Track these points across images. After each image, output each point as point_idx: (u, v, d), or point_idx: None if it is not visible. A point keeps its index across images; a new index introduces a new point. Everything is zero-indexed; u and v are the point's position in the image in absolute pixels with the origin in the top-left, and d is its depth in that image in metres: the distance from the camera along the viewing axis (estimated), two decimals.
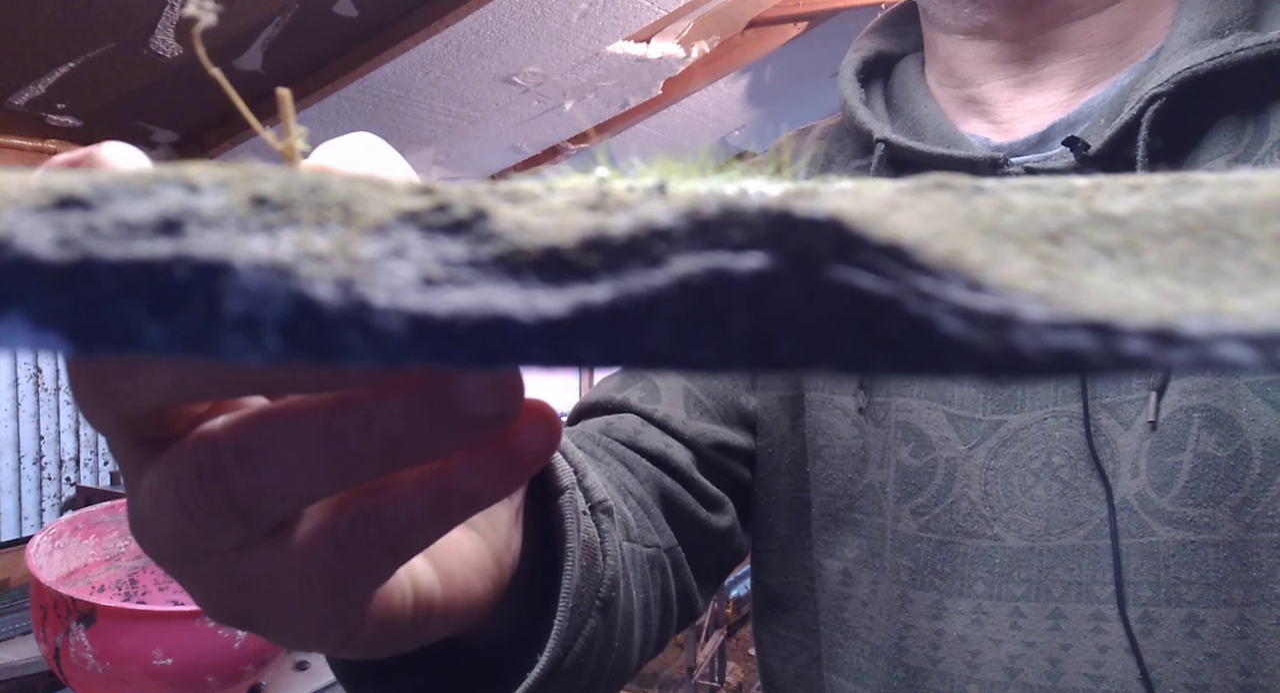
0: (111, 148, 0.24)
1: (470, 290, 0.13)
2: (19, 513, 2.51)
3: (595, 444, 0.63)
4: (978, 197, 0.18)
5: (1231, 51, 0.54)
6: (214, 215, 0.13)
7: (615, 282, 0.13)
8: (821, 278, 0.13)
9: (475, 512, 0.26)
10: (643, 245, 0.13)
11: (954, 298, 0.13)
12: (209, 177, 0.14)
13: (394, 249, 0.13)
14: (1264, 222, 0.18)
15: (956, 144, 0.64)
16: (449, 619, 0.32)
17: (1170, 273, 0.16)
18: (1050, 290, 0.14)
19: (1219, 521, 0.51)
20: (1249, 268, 0.16)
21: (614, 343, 0.13)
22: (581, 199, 0.16)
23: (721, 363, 0.13)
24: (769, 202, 0.14)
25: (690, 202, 0.14)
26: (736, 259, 0.13)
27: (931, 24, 0.70)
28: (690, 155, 0.22)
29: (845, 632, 0.66)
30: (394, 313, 0.12)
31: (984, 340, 0.12)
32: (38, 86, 1.93)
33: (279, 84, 0.99)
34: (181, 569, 0.26)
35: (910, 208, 0.16)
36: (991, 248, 0.15)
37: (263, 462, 0.22)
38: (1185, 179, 0.21)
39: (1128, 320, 0.13)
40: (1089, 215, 0.18)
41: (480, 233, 0.14)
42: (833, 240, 0.13)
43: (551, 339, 0.13)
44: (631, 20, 2.42)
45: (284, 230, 0.13)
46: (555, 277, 0.13)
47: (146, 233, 0.12)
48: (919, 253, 0.13)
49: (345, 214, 0.14)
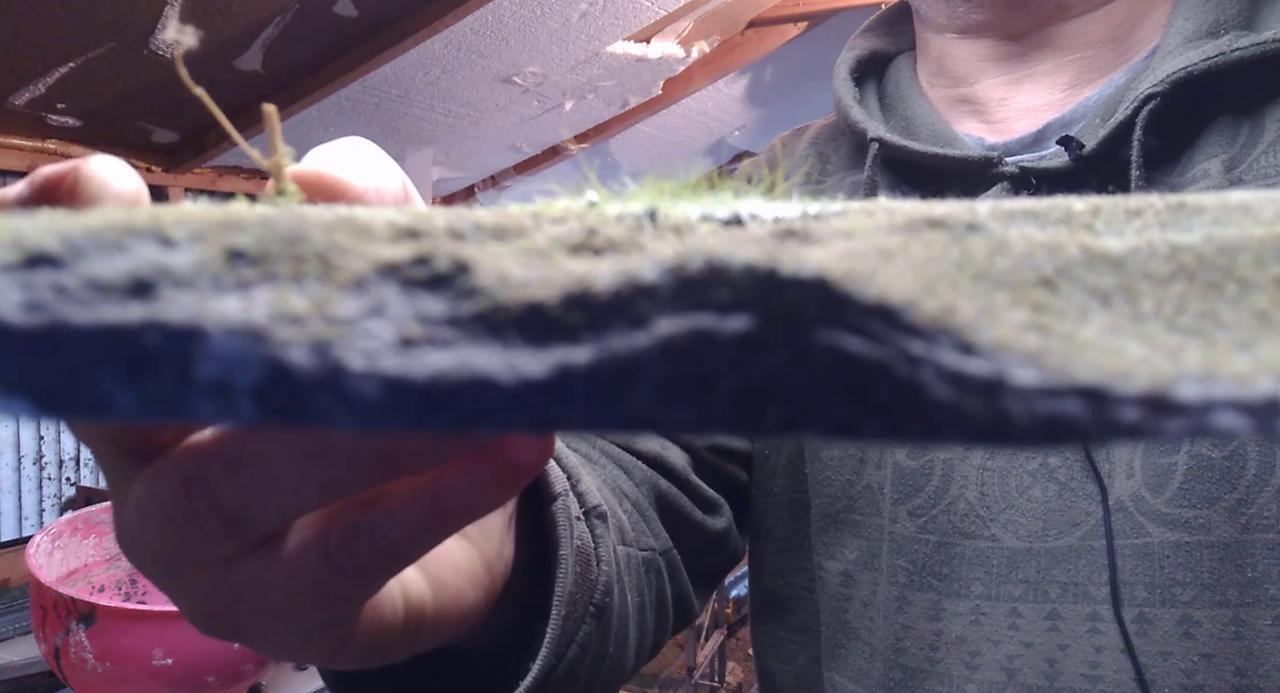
0: (99, 163, 0.23)
1: (449, 351, 0.12)
2: (19, 513, 2.51)
3: (590, 447, 0.63)
4: (971, 237, 0.18)
5: (1226, 51, 0.53)
6: (187, 273, 0.12)
7: (597, 342, 0.13)
8: (809, 341, 0.13)
9: (468, 523, 0.26)
10: (627, 303, 0.13)
11: (944, 361, 0.13)
12: (184, 228, 0.13)
13: (372, 307, 0.13)
14: (1263, 264, 0.18)
15: (950, 143, 0.64)
16: (440, 628, 0.32)
17: (1166, 322, 0.16)
18: (1042, 349, 0.13)
19: (1214, 522, 0.51)
20: (1247, 316, 0.16)
21: (596, 405, 0.12)
22: (569, 236, 0.16)
23: (707, 426, 0.13)
24: (754, 257, 0.13)
25: (677, 256, 0.14)
26: (722, 321, 0.13)
27: (924, 23, 0.69)
28: (684, 165, 0.22)
29: (847, 633, 0.66)
30: (370, 378, 0.12)
31: (974, 407, 0.12)
32: (38, 86, 1.92)
33: (279, 84, 1.00)
34: (169, 581, 0.26)
35: (901, 255, 0.16)
36: (984, 299, 0.15)
37: (251, 474, 0.22)
38: (1185, 204, 0.21)
39: (1121, 386, 0.12)
40: (1084, 255, 0.18)
41: (462, 288, 0.13)
42: (820, 301, 0.13)
43: (531, 402, 0.12)
44: (631, 20, 2.42)
45: (259, 288, 0.13)
46: (537, 336, 0.13)
47: (117, 295, 0.12)
48: (908, 313, 0.13)
49: (323, 268, 0.13)
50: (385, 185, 0.26)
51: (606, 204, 0.20)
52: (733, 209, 0.19)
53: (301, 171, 0.25)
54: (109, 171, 0.23)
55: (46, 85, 1.93)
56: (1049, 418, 0.12)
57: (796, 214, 0.20)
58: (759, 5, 2.73)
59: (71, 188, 0.22)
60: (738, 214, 0.19)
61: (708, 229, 0.18)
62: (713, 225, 0.18)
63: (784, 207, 0.20)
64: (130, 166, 0.24)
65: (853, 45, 0.75)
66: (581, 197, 0.21)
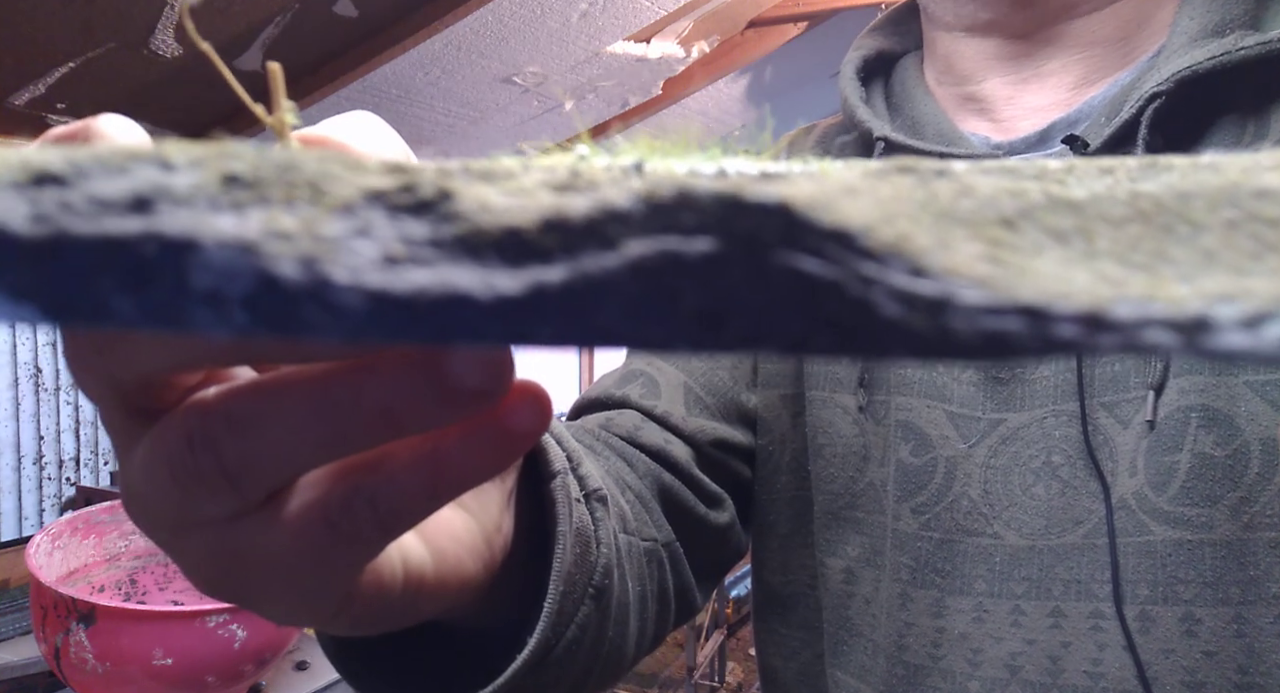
0: (108, 120, 0.24)
1: (430, 269, 0.13)
2: (19, 513, 2.52)
3: (594, 439, 0.63)
4: (938, 180, 0.19)
5: (1232, 51, 0.54)
6: (185, 193, 0.13)
7: (571, 263, 0.13)
8: (768, 262, 0.13)
9: (466, 489, 0.26)
10: (600, 228, 0.14)
11: (894, 282, 0.13)
12: (184, 155, 0.14)
13: (359, 228, 0.14)
14: (1216, 208, 0.18)
15: (955, 142, 0.64)
16: (439, 597, 0.32)
17: (1117, 258, 0.17)
18: (992, 275, 0.14)
19: (1216, 520, 0.51)
20: (1194, 254, 0.17)
21: (568, 321, 0.13)
22: (554, 178, 0.17)
23: (671, 342, 0.13)
24: (722, 187, 0.14)
25: (649, 185, 0.14)
26: (687, 242, 0.13)
27: (932, 22, 0.69)
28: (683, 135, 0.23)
29: (849, 630, 0.67)
30: (354, 290, 0.13)
31: (920, 323, 0.13)
32: (38, 86, 1.93)
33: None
34: (172, 541, 0.27)
35: (868, 192, 0.17)
36: (942, 232, 0.16)
37: (254, 431, 0.23)
38: (1157, 163, 0.22)
39: (1060, 305, 0.13)
40: (1047, 200, 0.19)
41: (444, 213, 0.14)
42: (780, 225, 0.14)
43: (507, 318, 0.13)
44: (631, 20, 2.43)
45: (253, 209, 0.13)
46: (514, 257, 0.14)
47: (118, 210, 0.13)
48: (864, 238, 0.14)
49: (314, 193, 0.14)
50: (388, 156, 0.27)
51: (596, 157, 0.21)
52: (719, 165, 0.20)
53: (306, 134, 0.25)
54: (119, 130, 0.24)
55: (46, 85, 1.94)
56: (990, 333, 0.13)
57: (782, 171, 0.20)
58: (759, 5, 2.74)
59: (82, 143, 0.23)
60: (724, 170, 0.20)
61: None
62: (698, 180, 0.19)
63: (771, 165, 0.21)
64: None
65: (859, 44, 0.76)
66: (572, 152, 0.22)
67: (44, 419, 2.58)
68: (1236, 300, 0.13)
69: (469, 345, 0.13)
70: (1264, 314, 0.13)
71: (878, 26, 0.78)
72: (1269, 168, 0.20)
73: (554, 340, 0.13)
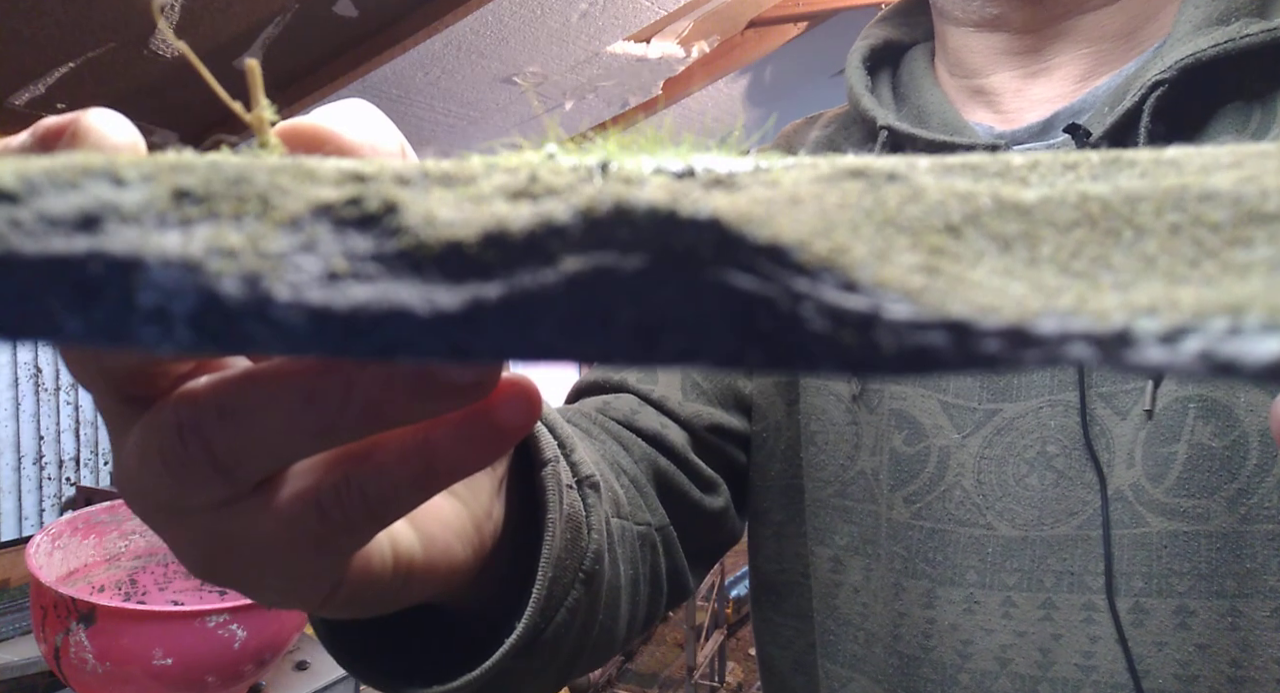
0: (96, 114, 0.24)
1: (372, 285, 0.14)
2: (19, 513, 2.52)
3: (591, 422, 0.63)
4: (888, 186, 0.19)
5: (1236, 38, 0.53)
6: (134, 210, 0.14)
7: (509, 278, 0.14)
8: (701, 278, 0.14)
9: (456, 480, 0.27)
10: (540, 243, 0.14)
11: (824, 297, 0.14)
12: (136, 169, 0.14)
13: (304, 243, 0.14)
14: (1162, 212, 0.18)
15: (960, 132, 0.64)
16: (429, 582, 0.33)
17: (1059, 265, 0.17)
18: (925, 288, 0.14)
19: (1212, 512, 0.51)
20: (1135, 260, 0.17)
21: (505, 337, 0.14)
22: (513, 183, 0.17)
23: (609, 357, 0.14)
24: (659, 200, 0.15)
25: (587, 201, 0.15)
26: (622, 259, 0.14)
27: (941, 16, 0.69)
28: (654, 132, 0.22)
29: (837, 619, 0.66)
30: (295, 307, 0.13)
31: (847, 338, 0.13)
32: (38, 86, 1.94)
33: (279, 84, 1.00)
34: (165, 526, 0.27)
35: (812, 201, 0.17)
36: (882, 242, 0.16)
37: (244, 422, 0.23)
38: (1120, 158, 0.22)
39: (986, 320, 0.13)
40: (995, 204, 0.19)
41: (388, 227, 0.14)
42: (713, 241, 0.14)
43: (446, 333, 0.13)
44: (631, 20, 2.43)
45: (200, 225, 0.14)
46: (454, 272, 0.14)
47: (66, 228, 0.13)
48: (797, 253, 0.14)
49: (263, 207, 0.14)
50: (381, 143, 0.26)
51: (564, 155, 0.21)
52: (687, 163, 0.20)
53: (292, 123, 0.25)
54: (106, 122, 0.24)
55: (46, 85, 1.94)
56: (915, 349, 0.13)
57: (750, 168, 0.20)
58: (759, 5, 2.74)
59: (71, 138, 0.23)
60: (691, 168, 0.19)
61: (659, 181, 0.18)
62: (665, 177, 0.18)
63: (739, 161, 0.20)
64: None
65: (867, 34, 0.75)
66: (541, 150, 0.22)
67: (44, 419, 2.59)
68: (1159, 313, 0.14)
69: (410, 361, 0.14)
70: (1183, 328, 0.13)
71: (886, 17, 0.77)
72: (1226, 166, 0.20)
73: (493, 356, 0.14)
